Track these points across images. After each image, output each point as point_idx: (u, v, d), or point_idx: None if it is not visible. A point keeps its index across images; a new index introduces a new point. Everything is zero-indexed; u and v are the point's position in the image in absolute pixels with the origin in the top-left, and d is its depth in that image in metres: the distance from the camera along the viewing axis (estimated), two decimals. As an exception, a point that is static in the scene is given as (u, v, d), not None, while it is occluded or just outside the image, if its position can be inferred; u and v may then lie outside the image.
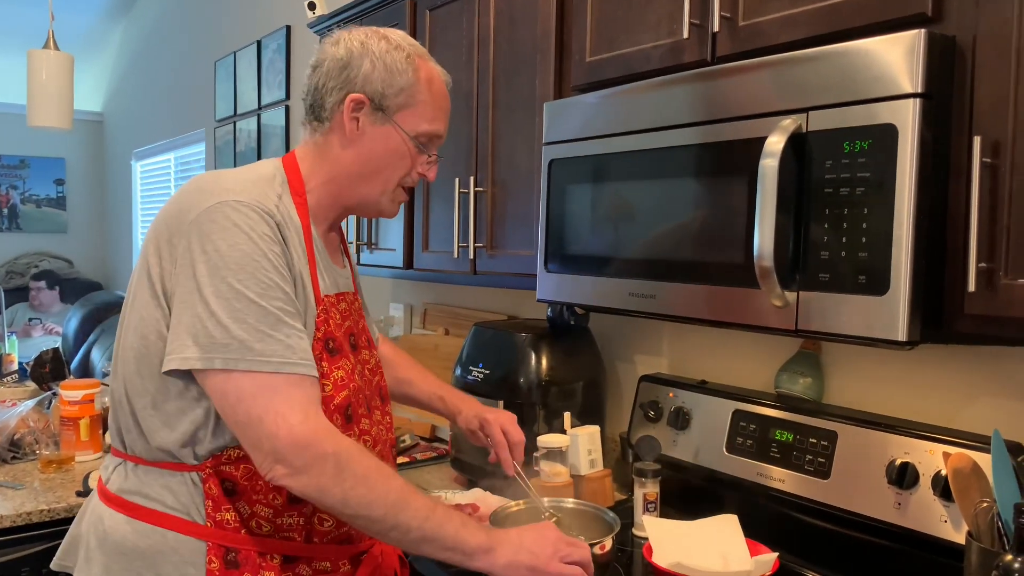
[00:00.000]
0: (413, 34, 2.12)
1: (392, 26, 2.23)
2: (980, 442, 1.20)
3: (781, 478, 1.44)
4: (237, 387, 1.01)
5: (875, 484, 1.30)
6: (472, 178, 1.87)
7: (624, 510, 1.54)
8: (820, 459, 1.39)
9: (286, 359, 1.03)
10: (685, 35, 1.34)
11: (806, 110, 1.13)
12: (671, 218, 1.33)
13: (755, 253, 1.13)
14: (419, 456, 2.09)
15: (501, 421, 1.47)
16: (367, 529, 1.07)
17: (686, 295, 1.30)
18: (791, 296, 1.14)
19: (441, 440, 2.29)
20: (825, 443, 1.39)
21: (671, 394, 1.69)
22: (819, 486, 1.38)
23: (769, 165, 1.12)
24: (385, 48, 1.16)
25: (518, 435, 1.45)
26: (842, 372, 1.51)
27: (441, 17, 2.03)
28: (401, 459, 2.03)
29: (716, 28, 1.30)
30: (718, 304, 1.25)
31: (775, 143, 1.12)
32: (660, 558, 1.32)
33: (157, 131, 5.40)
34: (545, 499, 1.47)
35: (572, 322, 1.83)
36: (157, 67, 5.38)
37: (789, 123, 1.14)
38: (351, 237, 2.37)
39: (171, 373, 1.05)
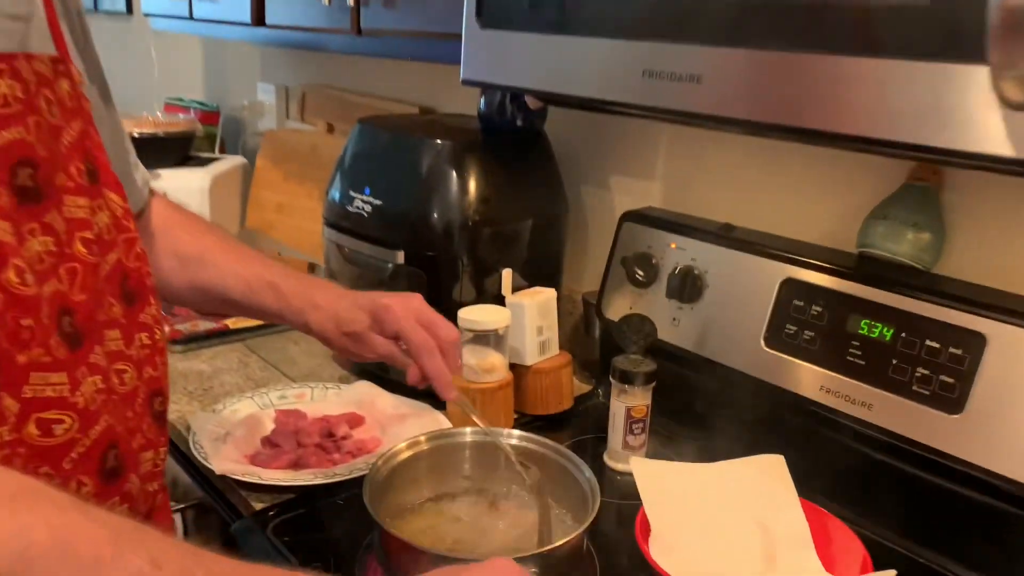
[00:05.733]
0: None
1: None
2: None
3: (867, 401, 0.86)
4: None
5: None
6: None
7: (590, 408, 0.99)
8: (945, 378, 0.81)
9: None
10: None
11: None
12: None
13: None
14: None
15: (413, 309, 0.85)
16: None
17: (771, 75, 0.63)
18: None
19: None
20: (957, 350, 0.80)
21: (673, 244, 1.06)
22: (942, 425, 0.81)
23: None
24: None
25: (448, 329, 0.85)
26: (978, 222, 0.90)
27: None
28: (246, 322, 1.34)
29: None
30: (856, 98, 0.59)
31: None
32: (664, 556, 0.75)
33: None
34: (497, 430, 0.87)
35: (519, 121, 1.14)
36: None
37: None
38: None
39: None
